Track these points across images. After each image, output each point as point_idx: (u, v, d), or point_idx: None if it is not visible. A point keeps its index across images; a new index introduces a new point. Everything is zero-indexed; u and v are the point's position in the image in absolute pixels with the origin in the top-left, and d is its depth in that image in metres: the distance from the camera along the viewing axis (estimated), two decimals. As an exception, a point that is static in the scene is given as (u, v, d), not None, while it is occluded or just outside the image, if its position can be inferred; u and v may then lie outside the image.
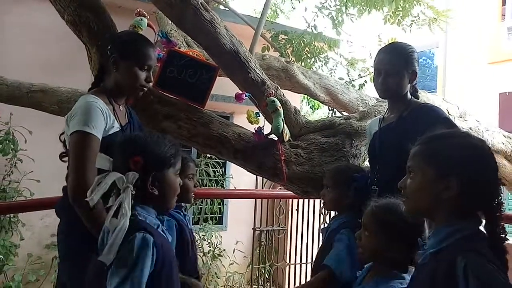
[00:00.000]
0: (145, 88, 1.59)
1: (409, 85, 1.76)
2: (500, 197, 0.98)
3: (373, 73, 1.82)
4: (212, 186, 4.98)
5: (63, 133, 1.50)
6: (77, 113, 1.42)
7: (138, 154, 1.15)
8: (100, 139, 1.41)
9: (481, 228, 0.99)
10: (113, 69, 1.54)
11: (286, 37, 4.23)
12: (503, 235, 0.96)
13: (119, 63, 1.52)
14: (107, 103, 1.49)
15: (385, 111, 1.90)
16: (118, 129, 1.49)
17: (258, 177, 4.07)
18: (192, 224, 3.70)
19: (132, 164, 1.13)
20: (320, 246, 1.82)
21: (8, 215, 3.58)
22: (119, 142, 1.27)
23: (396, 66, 1.71)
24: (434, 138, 1.05)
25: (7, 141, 3.69)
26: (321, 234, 1.84)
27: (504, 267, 0.94)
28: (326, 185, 1.73)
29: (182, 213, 1.70)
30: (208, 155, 4.71)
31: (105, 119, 1.44)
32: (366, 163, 2.38)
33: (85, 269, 1.23)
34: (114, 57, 1.52)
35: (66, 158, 1.48)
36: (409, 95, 1.78)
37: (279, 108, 2.02)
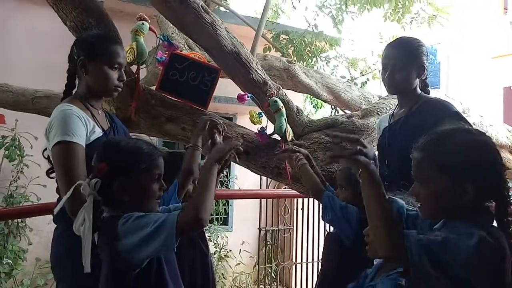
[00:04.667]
0: (119, 88, 1.51)
1: (417, 79, 1.74)
2: (509, 188, 0.99)
3: (375, 71, 1.82)
4: (217, 187, 4.97)
5: (45, 149, 1.44)
6: (54, 125, 1.36)
7: (105, 160, 1.15)
8: (84, 146, 1.35)
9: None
10: (82, 73, 1.46)
11: (287, 37, 4.25)
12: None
13: (87, 65, 1.45)
14: (83, 109, 1.43)
15: (395, 107, 1.90)
16: (101, 134, 1.43)
17: (263, 177, 4.07)
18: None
19: (97, 171, 1.14)
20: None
21: (16, 220, 3.62)
22: (100, 147, 1.27)
23: (403, 61, 1.69)
24: (438, 140, 1.02)
25: (14, 147, 3.73)
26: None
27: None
28: (340, 184, 1.70)
29: None
30: (212, 157, 4.71)
31: (84, 125, 1.38)
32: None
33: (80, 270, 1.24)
34: (82, 59, 1.45)
35: (54, 175, 1.42)
36: (418, 90, 1.76)
37: (281, 108, 2.03)
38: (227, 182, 5.15)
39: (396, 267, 1.22)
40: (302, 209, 4.51)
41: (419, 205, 1.08)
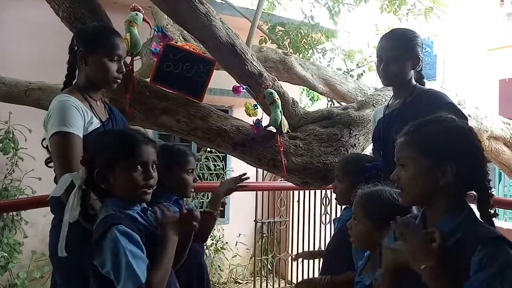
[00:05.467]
0: (118, 80, 1.53)
1: (412, 71, 1.74)
2: (488, 175, 0.99)
3: (371, 63, 1.82)
4: (213, 179, 5.00)
5: (44, 139, 1.46)
6: (52, 115, 1.38)
7: (88, 151, 1.19)
8: (81, 136, 1.37)
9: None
10: (81, 64, 1.48)
11: (283, 28, 4.22)
12: (493, 213, 0.98)
13: (87, 57, 1.47)
14: (81, 100, 1.45)
15: (390, 98, 1.90)
16: (98, 125, 1.45)
17: (259, 169, 4.08)
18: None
19: (82, 161, 1.17)
20: (332, 235, 1.83)
21: (11, 213, 3.61)
22: None
23: (397, 53, 1.69)
24: (421, 125, 1.04)
25: (7, 140, 3.71)
26: (332, 224, 1.83)
27: None
28: (337, 176, 1.69)
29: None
30: (208, 149, 4.72)
31: (82, 116, 1.40)
32: (366, 151, 2.40)
33: (77, 261, 1.24)
34: (81, 51, 1.47)
35: (52, 164, 1.44)
36: (413, 81, 1.76)
37: (277, 99, 2.02)
38: (223, 175, 5.16)
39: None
40: (298, 201, 4.52)
41: (399, 191, 1.09)
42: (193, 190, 1.72)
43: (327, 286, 1.51)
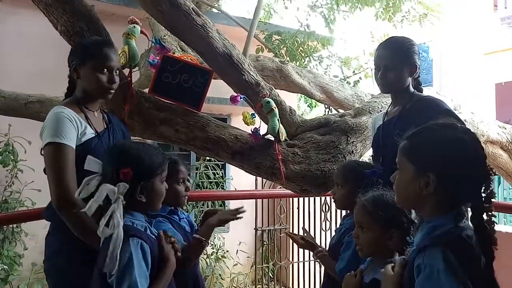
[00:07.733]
0: (111, 91, 1.56)
1: (410, 78, 1.76)
2: (489, 188, 0.97)
3: (367, 69, 1.84)
4: (213, 188, 5.00)
5: (43, 147, 1.50)
6: (46, 126, 1.43)
7: (128, 165, 1.19)
8: (74, 147, 1.42)
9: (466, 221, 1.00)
10: (74, 76, 1.53)
11: (279, 37, 4.26)
12: (490, 226, 0.96)
13: (78, 70, 1.52)
14: (77, 111, 1.49)
15: (389, 105, 1.92)
16: (93, 135, 1.49)
17: (258, 177, 4.09)
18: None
19: (122, 175, 1.18)
20: (331, 243, 1.83)
21: (11, 226, 3.61)
22: (108, 149, 1.33)
23: (394, 61, 1.72)
24: (417, 132, 1.05)
25: (7, 152, 3.72)
26: (333, 233, 1.85)
27: (489, 257, 0.94)
28: (336, 182, 1.72)
29: (178, 217, 1.70)
30: (208, 158, 4.73)
31: (75, 127, 1.44)
32: (364, 158, 2.41)
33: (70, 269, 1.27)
34: (74, 64, 1.52)
35: None
36: (411, 88, 1.79)
37: (274, 108, 2.04)
38: (223, 183, 5.16)
39: (384, 260, 1.25)
40: (298, 208, 4.53)
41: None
42: (185, 199, 1.71)
43: (320, 257, 1.73)
